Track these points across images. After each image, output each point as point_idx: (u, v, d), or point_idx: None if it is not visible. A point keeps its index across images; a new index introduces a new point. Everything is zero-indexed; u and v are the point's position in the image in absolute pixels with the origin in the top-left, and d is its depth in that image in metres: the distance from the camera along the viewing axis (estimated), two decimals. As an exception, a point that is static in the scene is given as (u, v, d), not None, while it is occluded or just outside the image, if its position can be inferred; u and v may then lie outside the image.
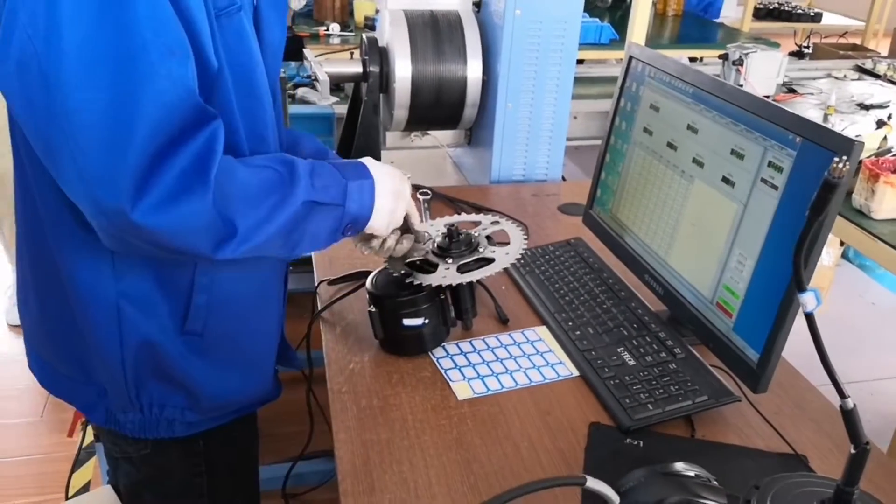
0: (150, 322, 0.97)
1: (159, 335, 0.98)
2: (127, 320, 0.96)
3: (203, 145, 0.81)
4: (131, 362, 0.98)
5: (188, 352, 1.00)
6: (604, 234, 1.36)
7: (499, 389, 1.08)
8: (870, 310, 3.11)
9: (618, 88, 1.32)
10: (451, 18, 1.74)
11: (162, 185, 0.78)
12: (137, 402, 1.01)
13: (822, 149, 0.89)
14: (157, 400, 1.02)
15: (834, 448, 1.00)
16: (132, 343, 0.97)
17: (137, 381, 1.00)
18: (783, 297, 0.93)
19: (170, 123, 0.78)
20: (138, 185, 0.77)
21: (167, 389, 1.02)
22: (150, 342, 0.97)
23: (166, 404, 1.03)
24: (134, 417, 1.03)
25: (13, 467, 2.19)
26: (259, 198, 0.88)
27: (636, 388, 1.05)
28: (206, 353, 1.02)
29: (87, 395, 1.03)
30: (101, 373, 1.00)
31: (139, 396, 1.01)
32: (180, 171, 0.79)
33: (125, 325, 0.96)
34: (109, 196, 0.77)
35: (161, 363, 0.99)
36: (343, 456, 0.95)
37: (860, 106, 2.49)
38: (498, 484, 0.92)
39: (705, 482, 0.80)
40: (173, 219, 0.80)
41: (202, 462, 1.12)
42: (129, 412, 1.02)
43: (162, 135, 0.78)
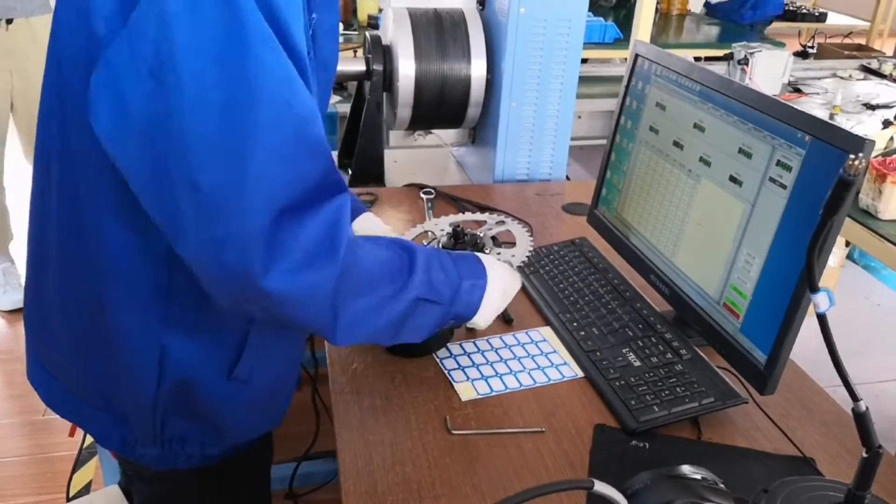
0: (194, 368, 0.93)
1: (202, 380, 0.94)
2: (170, 364, 0.92)
3: (335, 211, 0.78)
4: (164, 401, 0.94)
5: (228, 396, 0.97)
6: (609, 233, 1.35)
7: (502, 390, 1.07)
8: (875, 311, 3.09)
9: (623, 87, 1.31)
10: (455, 16, 1.73)
11: (295, 250, 0.76)
12: (160, 438, 0.98)
13: (833, 147, 0.88)
14: (178, 434, 0.98)
15: (843, 451, 0.99)
16: (170, 384, 0.93)
17: (165, 417, 0.96)
18: (792, 297, 0.92)
19: (296, 189, 0.76)
20: (270, 249, 0.74)
21: (193, 426, 0.98)
22: (191, 385, 0.94)
23: (188, 439, 0.99)
24: (154, 451, 0.99)
25: (14, 467, 2.18)
26: (374, 284, 0.87)
27: (642, 389, 1.04)
28: (245, 398, 0.99)
29: (103, 422, 0.99)
30: (126, 406, 0.96)
31: (163, 432, 0.97)
32: (314, 236, 0.77)
33: (167, 367, 0.92)
34: (239, 261, 0.74)
35: (196, 404, 0.96)
36: (345, 456, 0.95)
37: (866, 106, 2.47)
38: (501, 486, 0.91)
39: (712, 485, 0.79)
40: (299, 287, 0.77)
41: (216, 482, 1.08)
42: (150, 446, 0.98)
43: (298, 199, 0.75)
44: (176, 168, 0.73)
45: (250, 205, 0.73)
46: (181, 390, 0.94)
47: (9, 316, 2.86)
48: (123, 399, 0.96)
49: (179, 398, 0.95)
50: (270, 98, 0.73)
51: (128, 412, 0.97)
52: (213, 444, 1.01)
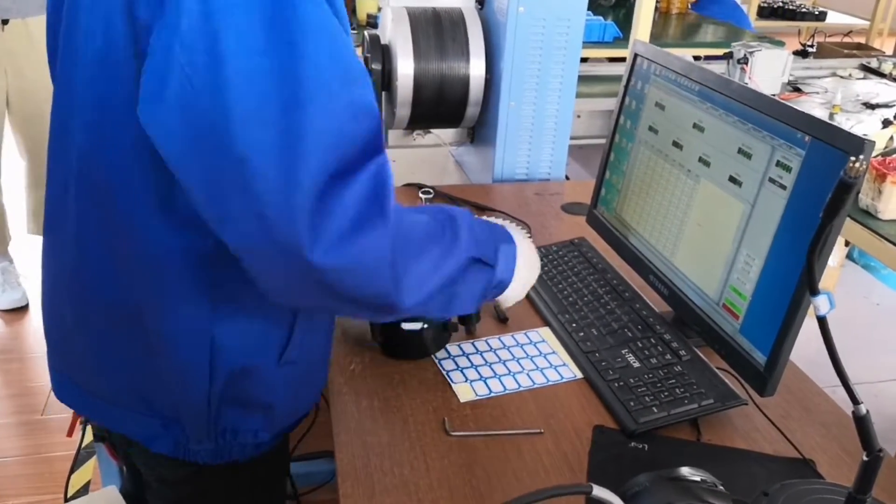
0: (246, 357, 0.92)
1: (254, 369, 0.93)
2: (221, 358, 0.91)
3: (379, 170, 0.75)
4: (217, 395, 0.93)
5: (279, 379, 0.96)
6: (608, 233, 1.35)
7: (501, 391, 1.06)
8: (874, 310, 3.09)
9: (623, 86, 1.31)
10: (454, 16, 1.73)
11: (342, 217, 0.72)
12: (214, 432, 0.97)
13: (833, 148, 0.88)
14: (231, 426, 0.97)
15: (843, 453, 0.99)
16: (222, 378, 0.92)
17: (219, 411, 0.95)
18: (792, 298, 0.91)
19: (345, 152, 0.73)
20: (317, 219, 0.71)
21: (246, 414, 0.97)
22: (244, 375, 0.93)
23: (240, 429, 0.98)
24: (208, 447, 0.98)
25: (11, 467, 2.18)
26: (424, 245, 0.85)
27: (641, 390, 1.03)
28: (294, 377, 0.98)
29: (150, 426, 0.97)
30: (177, 407, 0.95)
31: (217, 425, 0.96)
32: (359, 198, 0.73)
33: (218, 362, 0.91)
34: (287, 234, 0.71)
35: (249, 392, 0.95)
36: (343, 458, 0.94)
37: (866, 105, 2.47)
38: (500, 487, 0.90)
39: (711, 487, 0.79)
40: (354, 255, 0.74)
41: (239, 481, 1.07)
42: (204, 441, 0.97)
43: (338, 163, 0.72)
44: (216, 144, 0.70)
45: (299, 175, 0.70)
46: (234, 382, 0.93)
47: (7, 315, 2.86)
48: (174, 400, 0.94)
49: (233, 390, 0.93)
50: (319, 61, 0.70)
51: (179, 412, 0.95)
52: (264, 429, 1.00)
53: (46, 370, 1.06)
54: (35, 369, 2.56)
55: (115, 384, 0.97)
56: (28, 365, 2.59)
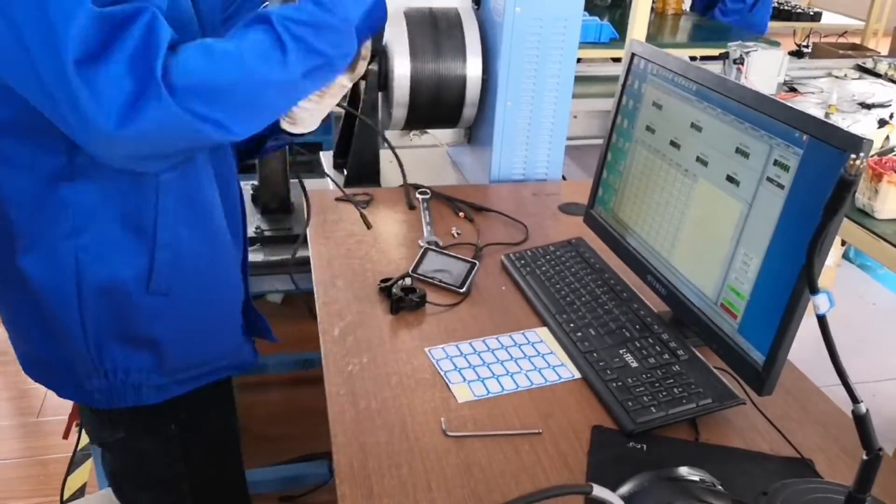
0: (111, 281, 0.97)
1: (121, 294, 0.97)
2: (86, 280, 0.96)
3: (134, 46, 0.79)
4: (91, 322, 0.97)
5: (152, 311, 1.00)
6: (605, 233, 1.34)
7: (499, 392, 1.06)
8: (871, 310, 3.10)
9: (620, 86, 1.30)
10: (451, 16, 1.72)
11: (113, 97, 0.78)
12: (101, 367, 1.01)
13: (831, 147, 0.88)
14: (121, 364, 1.01)
15: (841, 452, 0.99)
16: (91, 303, 0.97)
17: (98, 342, 0.99)
18: (790, 297, 0.91)
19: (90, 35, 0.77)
20: (96, 104, 0.77)
21: (130, 351, 1.01)
22: (111, 301, 0.97)
23: (131, 368, 1.02)
24: (100, 384, 1.02)
25: (7, 469, 2.17)
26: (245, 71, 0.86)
27: (639, 390, 1.03)
28: (171, 312, 1.02)
29: (57, 371, 1.04)
30: (61, 340, 1.00)
31: (102, 361, 1.01)
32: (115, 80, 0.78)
33: (84, 284, 0.96)
34: (84, 124, 0.78)
35: (124, 323, 0.99)
36: (341, 459, 0.94)
37: (861, 105, 2.47)
38: (498, 488, 0.90)
39: (710, 487, 0.79)
40: (145, 127, 0.79)
41: (178, 446, 1.12)
42: (94, 378, 1.01)
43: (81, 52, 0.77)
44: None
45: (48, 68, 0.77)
46: (104, 308, 0.97)
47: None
48: (57, 334, 0.99)
49: (105, 319, 0.98)
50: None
51: (66, 347, 1.00)
52: (156, 370, 1.04)
53: None
54: (31, 371, 2.55)
55: (17, 338, 1.05)
56: (24, 367, 2.57)
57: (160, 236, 0.98)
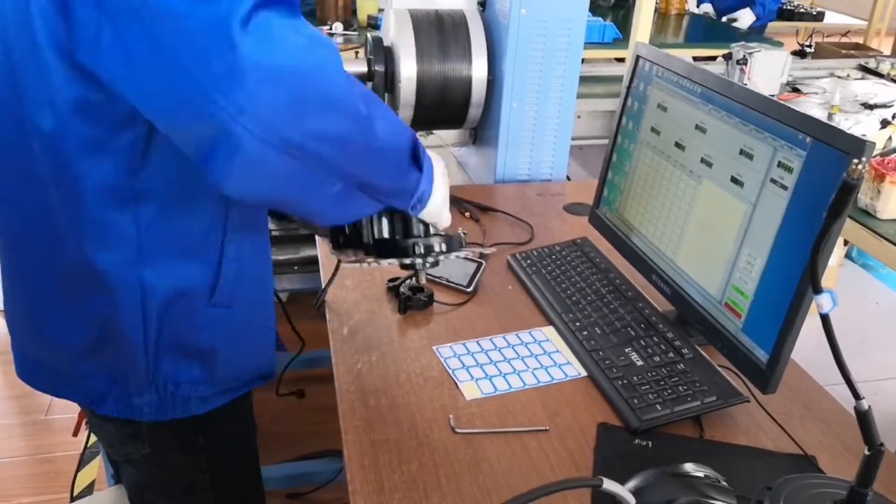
0: (177, 296, 0.95)
1: (186, 308, 0.96)
2: (152, 296, 0.94)
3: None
4: (153, 338, 0.96)
5: (213, 322, 0.99)
6: (610, 233, 1.36)
7: (507, 389, 1.08)
8: (873, 309, 3.11)
9: (625, 88, 1.32)
10: (457, 18, 1.74)
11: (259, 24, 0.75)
12: (155, 381, 1.00)
13: (833, 149, 0.89)
14: (172, 377, 1.00)
15: (843, 449, 1.00)
16: (155, 317, 0.95)
17: (157, 358, 0.98)
18: (793, 297, 0.93)
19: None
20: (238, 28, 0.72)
21: (184, 363, 1.00)
22: (176, 315, 0.96)
23: (181, 381, 1.01)
24: (150, 399, 1.01)
25: (17, 467, 2.19)
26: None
27: (644, 388, 1.05)
28: (229, 323, 1.01)
29: (95, 387, 1.01)
30: (117, 355, 0.98)
31: (156, 375, 0.99)
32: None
33: (149, 301, 0.94)
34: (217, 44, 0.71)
35: (182, 335, 0.98)
36: (352, 455, 0.95)
37: (864, 105, 2.48)
38: (507, 484, 0.92)
39: (715, 483, 0.80)
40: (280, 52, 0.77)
41: (203, 458, 1.11)
42: (146, 393, 1.00)
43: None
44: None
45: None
46: (168, 323, 0.96)
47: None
48: (113, 351, 0.97)
49: (167, 332, 0.97)
50: None
51: (121, 361, 0.98)
52: (205, 382, 1.03)
53: None
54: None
55: (58, 350, 1.01)
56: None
57: (227, 250, 0.98)
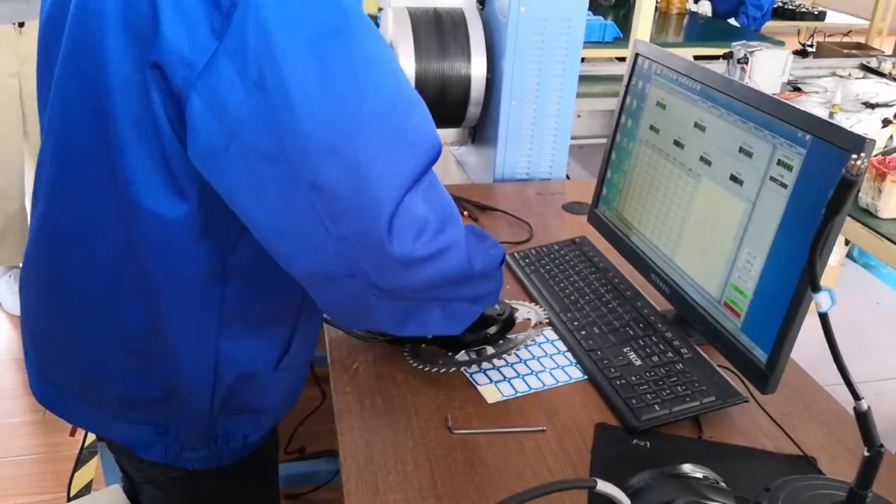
0: (248, 367, 0.95)
1: (254, 377, 0.96)
2: (224, 368, 0.93)
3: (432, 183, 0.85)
4: (218, 404, 0.96)
5: (273, 386, 1.00)
6: (609, 232, 1.35)
7: (526, 391, 1.07)
8: (874, 309, 3.09)
9: (624, 86, 1.31)
10: (455, 16, 1.73)
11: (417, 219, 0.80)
12: (209, 439, 0.99)
13: (834, 147, 0.88)
14: (225, 432, 1.00)
15: (843, 450, 0.99)
16: (224, 388, 0.94)
17: (217, 419, 0.97)
18: (793, 296, 0.92)
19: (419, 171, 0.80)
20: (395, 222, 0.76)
21: (240, 420, 1.00)
22: (243, 384, 0.96)
23: (233, 434, 1.01)
24: (202, 454, 1.00)
25: (14, 466, 2.18)
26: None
27: (643, 388, 1.04)
28: (285, 384, 1.02)
29: (141, 433, 0.98)
30: (176, 414, 0.96)
31: (212, 432, 0.99)
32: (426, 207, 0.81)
33: (221, 372, 0.93)
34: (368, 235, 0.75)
35: (246, 400, 0.98)
36: (347, 456, 0.95)
37: (865, 104, 2.47)
38: (503, 485, 0.91)
39: (713, 484, 0.79)
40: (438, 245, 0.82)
41: (229, 482, 1.09)
42: (200, 449, 0.99)
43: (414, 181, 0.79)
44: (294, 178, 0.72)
45: (376, 196, 0.74)
46: (234, 390, 0.95)
47: (13, 316, 2.86)
48: (173, 410, 0.96)
49: (233, 398, 0.96)
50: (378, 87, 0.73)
51: (176, 421, 0.97)
52: (255, 433, 1.03)
53: None
54: (37, 369, 2.56)
55: (105, 391, 0.97)
56: (30, 365, 2.58)
57: (298, 330, 1.00)
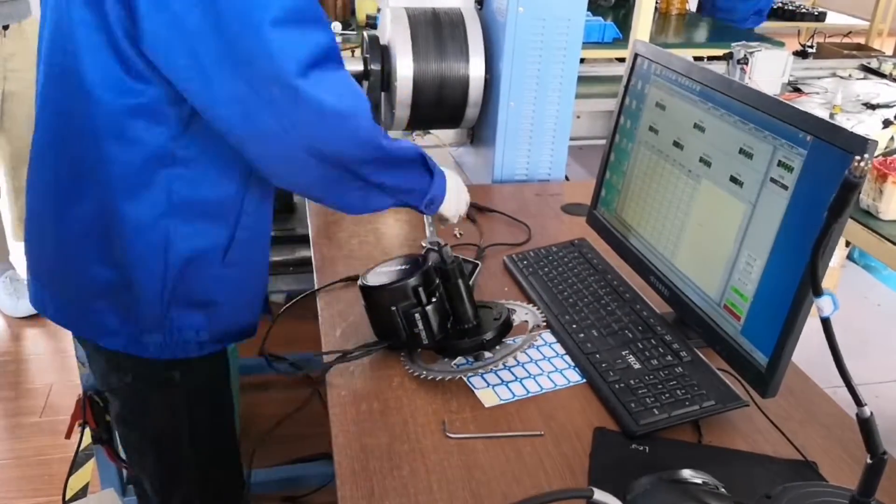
0: (195, 254, 1.08)
1: (202, 266, 1.09)
2: (174, 250, 1.06)
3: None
4: (170, 287, 1.08)
5: (220, 280, 1.12)
6: (608, 234, 1.34)
7: (524, 395, 1.05)
8: (875, 311, 3.08)
9: (623, 86, 1.30)
10: (454, 16, 1.72)
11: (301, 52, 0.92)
12: (163, 325, 1.11)
13: (835, 148, 0.87)
14: (178, 323, 1.12)
15: (845, 455, 0.98)
16: (175, 270, 1.07)
17: (169, 305, 1.10)
18: (794, 299, 0.91)
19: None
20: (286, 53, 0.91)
21: (190, 312, 1.12)
22: (193, 271, 1.09)
23: (185, 326, 1.13)
24: (157, 339, 1.12)
25: (10, 469, 2.17)
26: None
27: (642, 392, 1.02)
28: (233, 281, 1.14)
29: (106, 323, 1.12)
30: (135, 295, 1.08)
31: (165, 319, 1.11)
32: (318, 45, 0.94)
33: (171, 254, 1.06)
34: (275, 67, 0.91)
35: (194, 290, 1.11)
36: (342, 460, 0.94)
37: (866, 105, 2.46)
38: (500, 490, 0.90)
39: (713, 490, 0.78)
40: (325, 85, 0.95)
41: (181, 400, 1.21)
42: (155, 333, 1.12)
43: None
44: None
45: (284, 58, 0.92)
46: (184, 276, 1.08)
47: (9, 317, 2.85)
48: (132, 291, 1.08)
49: (183, 284, 1.09)
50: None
51: (136, 303, 1.09)
52: (205, 329, 1.15)
53: (45, 372, 1.10)
54: (34, 371, 2.56)
55: (72, 280, 1.12)
56: (26, 367, 2.58)
57: (243, 220, 1.11)
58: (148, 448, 1.29)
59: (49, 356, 2.65)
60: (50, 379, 2.50)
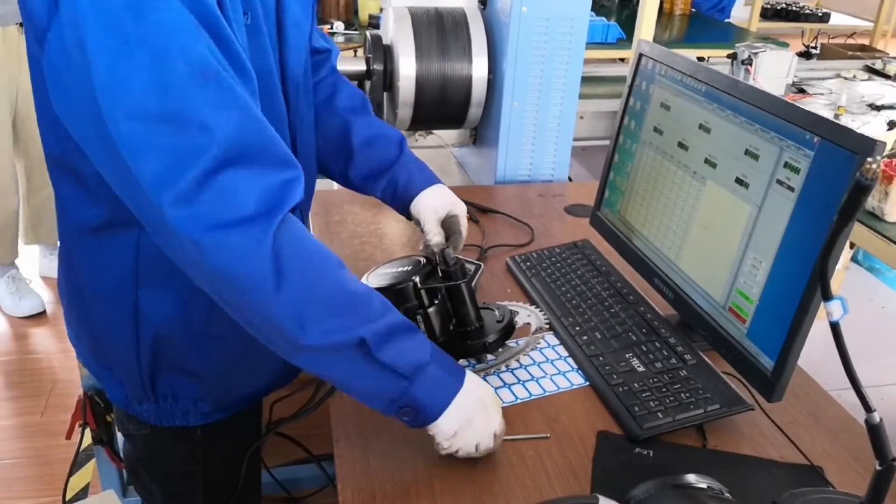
0: (169, 324, 0.97)
1: (179, 336, 0.99)
2: (144, 320, 0.96)
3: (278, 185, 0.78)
4: (146, 357, 0.99)
5: (207, 351, 1.01)
6: (612, 235, 1.33)
7: (526, 398, 1.05)
8: (879, 313, 3.07)
9: (627, 87, 1.29)
10: (457, 16, 1.71)
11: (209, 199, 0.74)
12: (152, 394, 1.03)
13: (842, 149, 0.86)
14: (170, 391, 1.03)
15: (851, 459, 0.97)
16: (148, 340, 0.98)
17: (152, 374, 1.01)
18: (800, 302, 0.90)
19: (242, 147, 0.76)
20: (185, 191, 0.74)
21: (181, 381, 1.03)
22: (169, 341, 0.99)
23: (180, 396, 1.04)
24: (149, 407, 1.05)
25: (10, 469, 2.17)
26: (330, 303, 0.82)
27: (646, 395, 1.02)
28: (224, 353, 1.02)
29: (111, 381, 1.06)
30: (114, 363, 1.03)
31: (154, 388, 1.03)
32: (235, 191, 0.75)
33: (142, 324, 0.97)
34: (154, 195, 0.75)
35: (179, 359, 1.01)
36: (343, 463, 0.93)
37: (871, 106, 2.45)
38: (503, 494, 0.89)
39: (718, 494, 0.77)
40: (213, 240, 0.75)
41: (200, 448, 1.12)
42: (144, 402, 1.04)
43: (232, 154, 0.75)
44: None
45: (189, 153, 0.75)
46: (161, 346, 0.99)
47: (11, 317, 2.84)
48: (110, 356, 1.02)
49: (161, 354, 0.99)
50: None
51: (118, 369, 1.03)
52: (203, 399, 1.05)
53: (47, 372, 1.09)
54: (35, 371, 2.55)
55: (79, 338, 1.08)
56: (28, 367, 2.58)
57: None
58: (158, 489, 1.20)
59: (50, 356, 2.64)
60: (51, 379, 2.50)
